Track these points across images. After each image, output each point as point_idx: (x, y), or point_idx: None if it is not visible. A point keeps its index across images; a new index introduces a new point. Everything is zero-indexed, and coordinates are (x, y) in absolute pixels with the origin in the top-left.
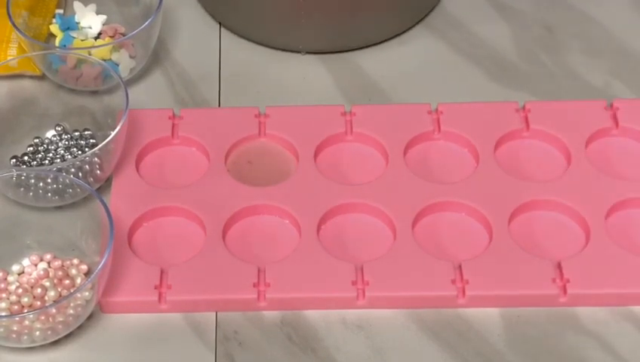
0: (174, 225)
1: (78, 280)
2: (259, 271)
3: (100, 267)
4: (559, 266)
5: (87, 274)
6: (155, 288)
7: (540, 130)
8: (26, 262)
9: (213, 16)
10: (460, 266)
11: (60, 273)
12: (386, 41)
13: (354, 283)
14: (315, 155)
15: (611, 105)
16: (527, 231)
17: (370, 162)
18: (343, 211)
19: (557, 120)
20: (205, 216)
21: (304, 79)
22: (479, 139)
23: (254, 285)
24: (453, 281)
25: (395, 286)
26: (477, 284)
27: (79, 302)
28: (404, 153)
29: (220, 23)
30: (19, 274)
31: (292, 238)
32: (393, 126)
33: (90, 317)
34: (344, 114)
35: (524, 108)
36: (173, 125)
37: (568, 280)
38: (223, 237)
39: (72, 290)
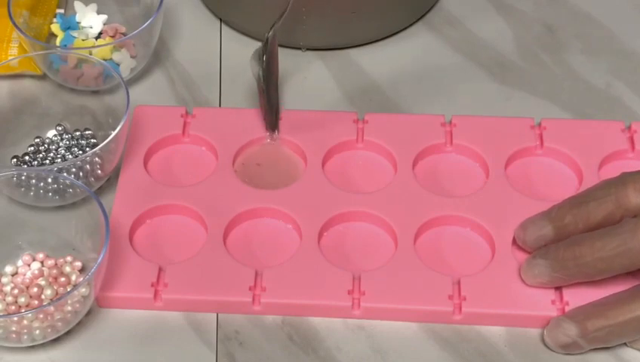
0: (177, 223)
1: (74, 277)
2: (256, 274)
3: (98, 262)
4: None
5: (82, 271)
6: (152, 285)
7: (553, 149)
8: (19, 263)
9: (214, 12)
10: (458, 282)
11: (55, 271)
12: (385, 38)
13: (350, 292)
14: (324, 161)
15: (629, 127)
16: None
17: (379, 171)
18: (346, 219)
19: (572, 139)
20: (208, 215)
21: (305, 78)
22: (491, 154)
23: (250, 288)
24: (450, 297)
25: (391, 298)
26: (475, 301)
27: (77, 299)
28: (414, 164)
29: (220, 20)
30: (12, 276)
31: (293, 243)
32: (405, 136)
33: (89, 314)
34: (356, 121)
35: (539, 125)
36: (185, 123)
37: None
38: (225, 238)
39: (68, 288)
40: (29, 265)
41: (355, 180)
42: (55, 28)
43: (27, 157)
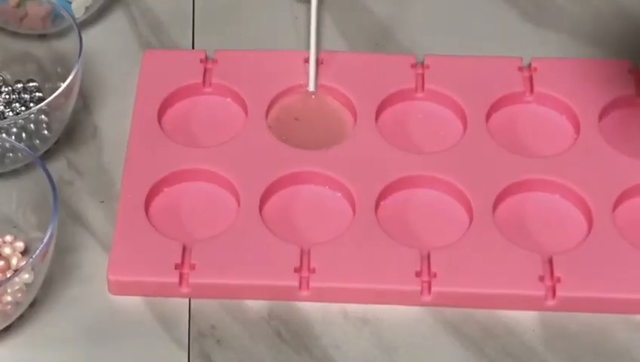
0: (201, 191)
1: (14, 261)
2: (302, 253)
3: (44, 243)
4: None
5: (25, 253)
6: (176, 268)
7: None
8: None
9: None
10: (550, 260)
11: None
12: None
13: (418, 274)
14: (377, 114)
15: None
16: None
17: (443, 126)
18: (407, 185)
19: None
20: (239, 182)
21: (296, 19)
22: (582, 104)
23: (296, 270)
24: (541, 278)
25: (467, 282)
26: (572, 284)
27: (18, 287)
28: (488, 117)
29: None
30: None
31: (344, 215)
32: (475, 82)
33: (33, 306)
34: (415, 66)
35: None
36: (205, 70)
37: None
38: (260, 209)
39: (7, 273)
40: None
41: (417, 138)
42: None
43: None
